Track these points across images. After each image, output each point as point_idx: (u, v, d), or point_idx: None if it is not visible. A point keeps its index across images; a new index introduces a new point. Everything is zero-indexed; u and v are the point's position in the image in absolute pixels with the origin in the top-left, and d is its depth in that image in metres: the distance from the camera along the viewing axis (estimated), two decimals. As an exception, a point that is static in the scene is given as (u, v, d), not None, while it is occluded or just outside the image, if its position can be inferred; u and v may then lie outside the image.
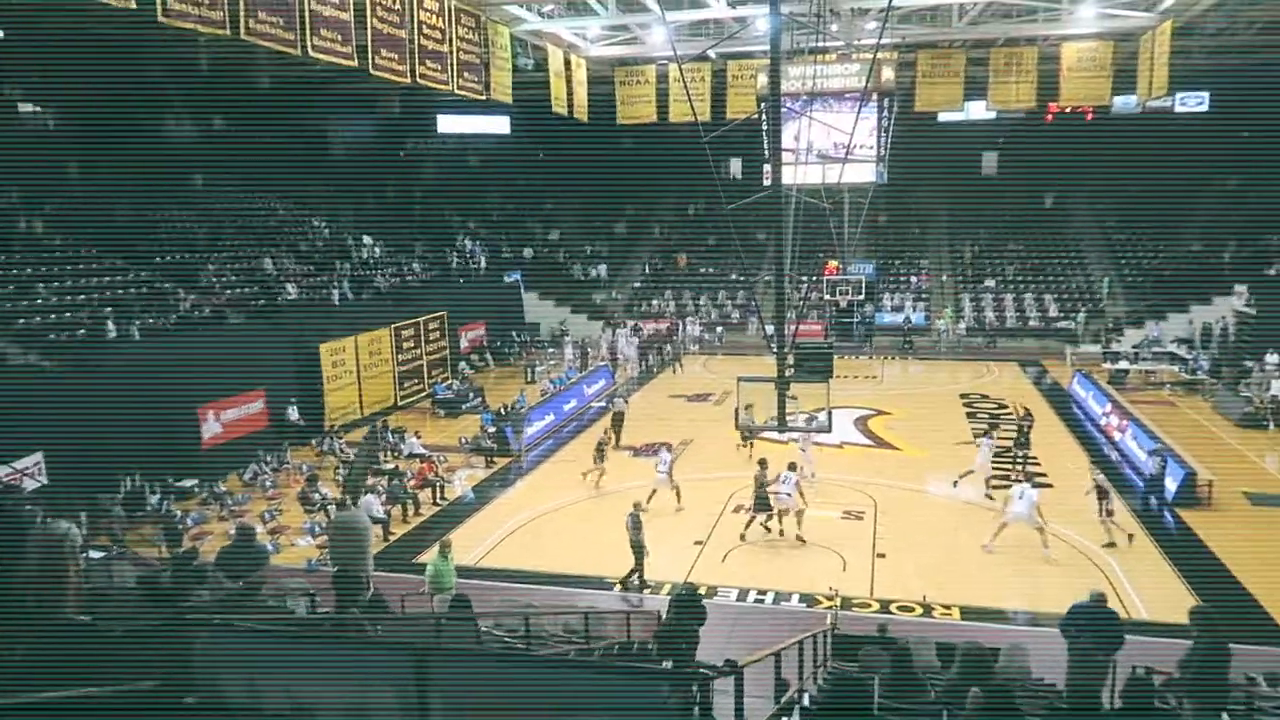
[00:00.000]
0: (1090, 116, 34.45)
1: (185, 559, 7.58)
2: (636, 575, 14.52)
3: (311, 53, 16.31)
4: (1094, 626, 8.56)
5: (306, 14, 15.79)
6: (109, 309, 20.97)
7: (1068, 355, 31.91)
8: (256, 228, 29.65)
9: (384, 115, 36.05)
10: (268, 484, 19.68)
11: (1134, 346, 31.11)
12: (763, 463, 16.88)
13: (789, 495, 16.12)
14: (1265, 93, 28.98)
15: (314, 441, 22.41)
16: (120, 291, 22.33)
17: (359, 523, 6.20)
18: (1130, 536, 15.88)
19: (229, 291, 24.75)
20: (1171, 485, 17.80)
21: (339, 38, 16.92)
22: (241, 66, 25.18)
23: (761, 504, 16.29)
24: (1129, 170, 35.74)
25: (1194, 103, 33.00)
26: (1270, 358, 25.31)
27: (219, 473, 19.70)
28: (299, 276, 27.65)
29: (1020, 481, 16.46)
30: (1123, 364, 29.24)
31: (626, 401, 24.26)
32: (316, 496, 17.73)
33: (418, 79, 19.81)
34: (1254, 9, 24.33)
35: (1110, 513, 15.90)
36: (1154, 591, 13.83)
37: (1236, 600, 13.41)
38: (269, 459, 20.56)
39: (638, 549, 14.48)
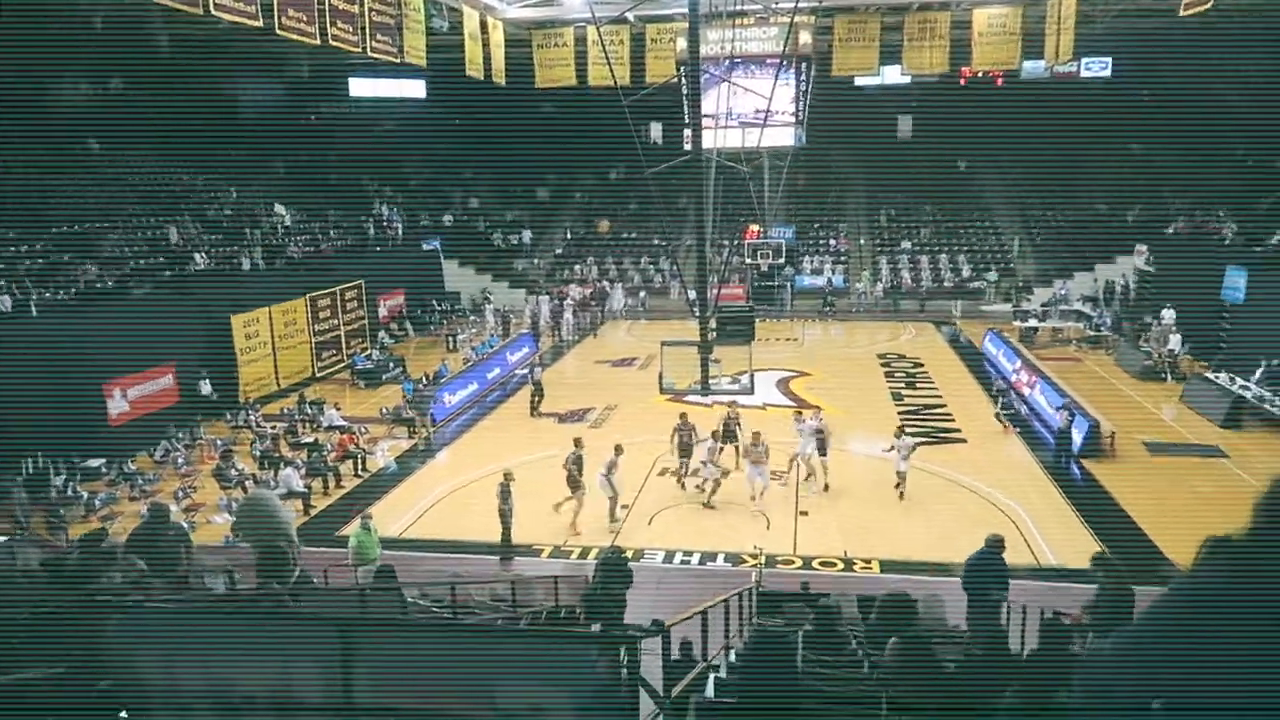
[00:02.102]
0: (1000, 81, 35.24)
1: (93, 539, 7.31)
2: (503, 541, 14.68)
3: (213, 11, 15.64)
4: (990, 571, 9.04)
5: (206, -30, 15.13)
6: (2, 282, 19.95)
7: (956, 308, 33.09)
8: (160, 196, 28.47)
9: (293, 78, 34.83)
10: (180, 461, 19.07)
11: (1043, 305, 32.21)
12: (683, 415, 17.29)
13: (703, 463, 16.39)
14: (1163, 59, 30.03)
15: (228, 416, 21.80)
16: (15, 264, 21.25)
17: (267, 500, 6.07)
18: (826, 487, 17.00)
19: (133, 262, 23.76)
20: (1077, 437, 18.56)
21: (242, -5, 16.26)
22: (139, 25, 23.98)
23: (684, 450, 17.04)
24: (1038, 134, 36.75)
25: (1098, 68, 34.04)
26: (1167, 314, 26.47)
27: (128, 451, 19.00)
28: (207, 246, 26.69)
29: (800, 414, 18.07)
30: (1032, 322, 30.26)
31: (542, 370, 24.22)
32: (233, 472, 17.29)
33: (328, 40, 19.18)
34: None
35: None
36: (1061, 539, 14.46)
37: (1137, 545, 14.10)
38: (181, 435, 19.92)
39: (501, 516, 14.63)
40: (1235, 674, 1.40)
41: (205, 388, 22.04)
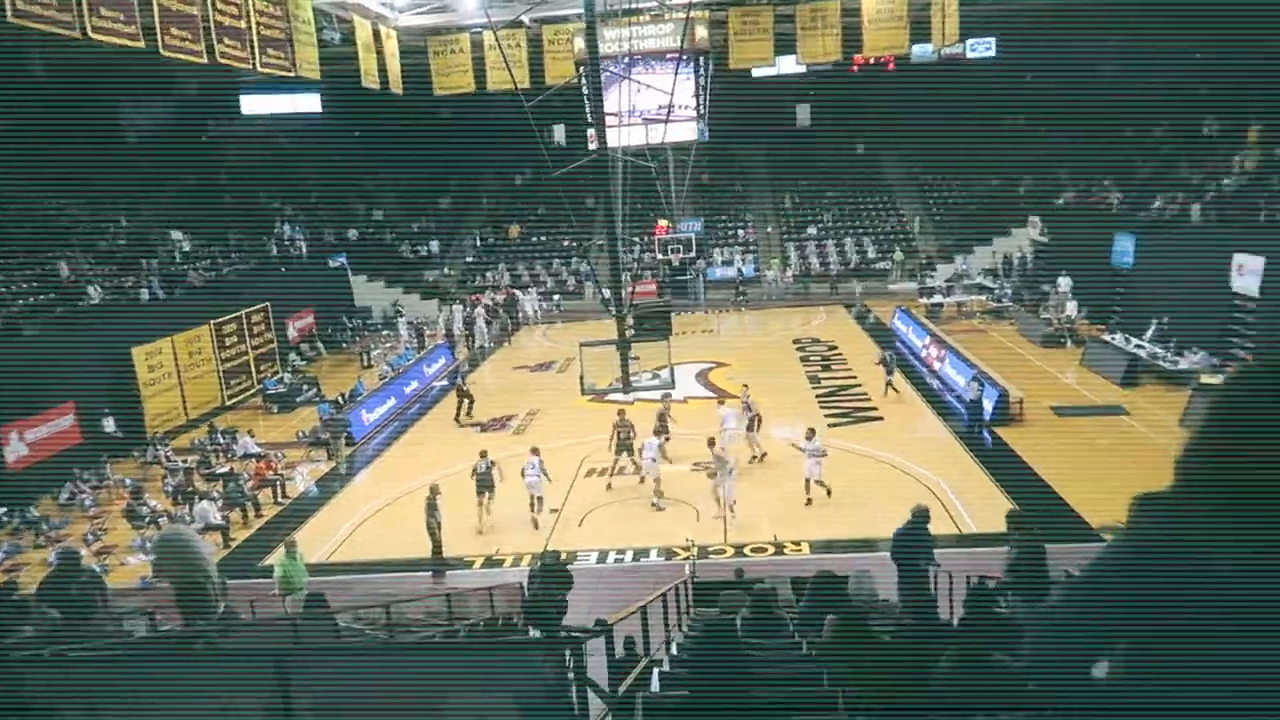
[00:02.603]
0: (892, 66, 36.12)
1: (2, 593, 6.97)
2: (434, 556, 14.55)
3: (92, 34, 15.01)
4: (917, 542, 9.34)
5: (80, -9, 14.51)
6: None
7: (856, 290, 34.11)
8: (46, 229, 27.16)
9: (181, 98, 33.60)
10: (88, 503, 18.27)
11: (946, 280, 33.20)
12: (621, 411, 17.42)
13: (653, 461, 16.44)
14: (1043, 36, 31.22)
15: (136, 452, 20.98)
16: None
17: (182, 535, 5.86)
18: (764, 455, 17.87)
19: (21, 300, 22.65)
20: (988, 406, 19.21)
21: (121, 16, 15.65)
22: (13, 50, 22.83)
23: (623, 445, 17.10)
24: (931, 115, 37.82)
25: (983, 48, 35.10)
26: (1063, 281, 27.56)
27: (30, 497, 18.12)
28: (101, 278, 25.59)
29: (721, 404, 19.04)
30: (937, 298, 31.16)
31: (466, 378, 24.53)
32: (145, 510, 16.66)
33: (217, 58, 18.60)
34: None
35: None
36: (980, 506, 14.93)
37: (1051, 505, 14.67)
38: (87, 476, 19.08)
39: (430, 532, 14.50)
40: (1177, 625, 1.48)
41: (109, 425, 21.17)
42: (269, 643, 5.71)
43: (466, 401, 22.66)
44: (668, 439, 17.81)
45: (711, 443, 15.70)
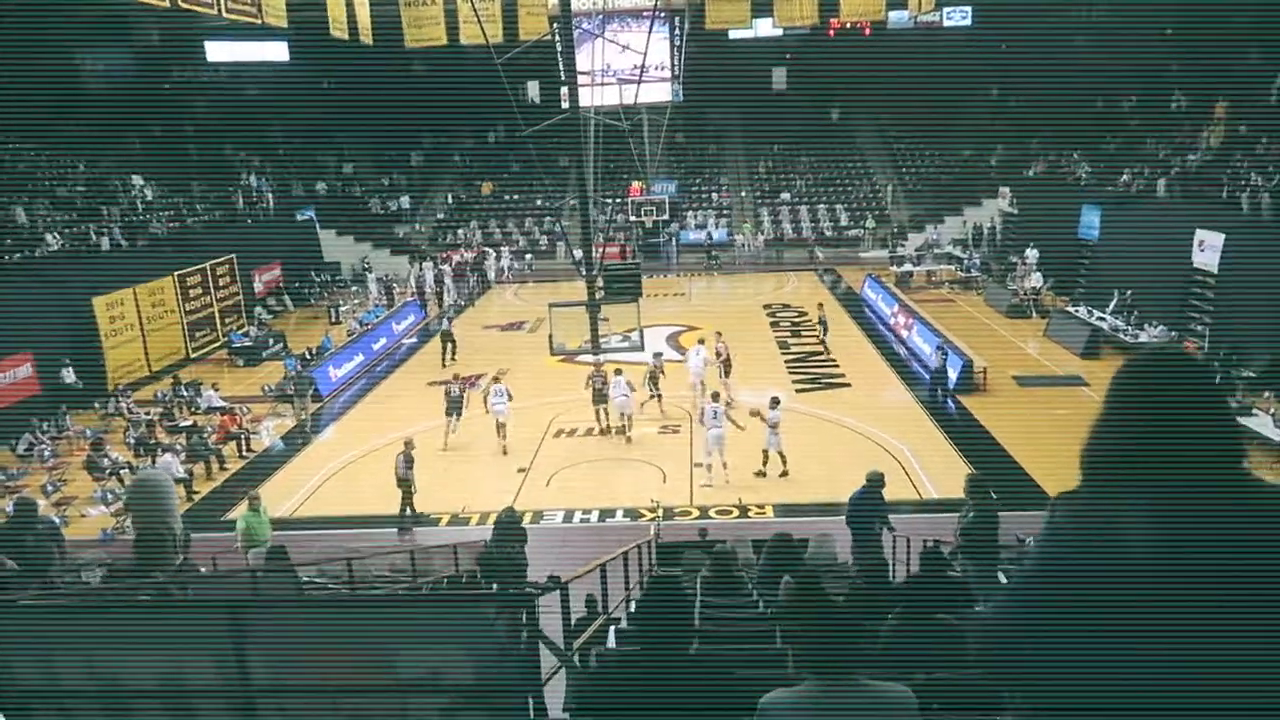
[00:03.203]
0: (868, 31, 35.96)
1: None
2: (407, 510, 14.59)
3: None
4: (872, 507, 9.50)
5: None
6: None
7: (816, 253, 34.66)
8: (1, 174, 26.48)
9: (143, 44, 32.73)
10: (47, 454, 18.05)
11: (916, 249, 33.36)
12: (597, 365, 17.69)
13: (624, 398, 16.70)
14: (1018, 6, 31.22)
15: (97, 404, 20.72)
16: None
17: (158, 479, 5.83)
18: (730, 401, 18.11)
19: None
20: (952, 375, 19.45)
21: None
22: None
23: (599, 398, 17.35)
24: (905, 83, 37.77)
25: (959, 17, 35.03)
26: (1030, 253, 27.82)
27: (-13, 448, 17.90)
28: (59, 225, 25.05)
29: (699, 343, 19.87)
30: (907, 266, 31.33)
31: (450, 322, 25.29)
32: (106, 462, 16.49)
33: (179, 2, 18.14)
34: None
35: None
36: (941, 472, 15.14)
37: (1010, 473, 14.91)
38: (45, 427, 18.83)
39: (404, 485, 14.51)
40: (1101, 610, 1.52)
41: (68, 376, 20.86)
42: (226, 595, 5.72)
43: (450, 345, 23.60)
44: (661, 397, 18.60)
45: (716, 396, 15.85)
